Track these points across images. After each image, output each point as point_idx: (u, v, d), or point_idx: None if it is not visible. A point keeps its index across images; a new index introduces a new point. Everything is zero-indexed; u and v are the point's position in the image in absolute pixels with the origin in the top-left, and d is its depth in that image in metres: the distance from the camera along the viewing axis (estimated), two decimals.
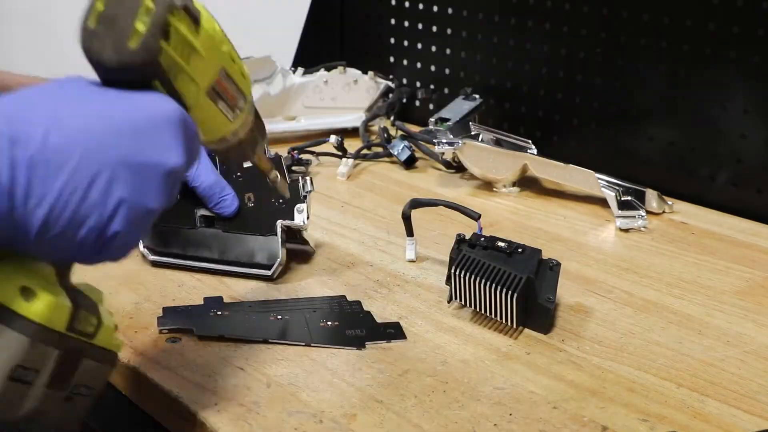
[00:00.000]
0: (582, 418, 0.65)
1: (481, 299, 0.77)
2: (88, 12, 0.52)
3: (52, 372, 0.53)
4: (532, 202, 1.11)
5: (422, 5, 1.40)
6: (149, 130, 0.52)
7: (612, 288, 0.87)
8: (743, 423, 0.65)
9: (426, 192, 1.14)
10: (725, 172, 1.09)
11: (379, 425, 0.63)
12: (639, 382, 0.70)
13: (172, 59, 0.54)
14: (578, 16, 1.19)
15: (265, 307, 0.81)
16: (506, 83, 1.31)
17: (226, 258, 0.88)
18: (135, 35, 0.52)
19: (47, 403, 0.53)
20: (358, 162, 1.24)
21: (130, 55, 0.52)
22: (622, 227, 1.02)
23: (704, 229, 1.02)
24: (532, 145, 1.15)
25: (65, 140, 0.49)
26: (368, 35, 1.50)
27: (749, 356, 0.74)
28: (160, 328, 0.76)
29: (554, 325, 0.79)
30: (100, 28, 0.52)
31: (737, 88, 1.06)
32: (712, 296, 0.85)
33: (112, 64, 0.52)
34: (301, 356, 0.73)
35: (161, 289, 0.84)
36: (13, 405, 0.51)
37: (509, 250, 0.79)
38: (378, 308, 0.81)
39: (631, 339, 0.77)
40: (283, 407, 0.65)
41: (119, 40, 0.52)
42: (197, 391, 0.67)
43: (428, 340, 0.76)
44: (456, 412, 0.65)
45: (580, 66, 1.21)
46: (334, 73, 1.38)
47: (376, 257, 0.92)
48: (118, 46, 0.52)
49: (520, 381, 0.70)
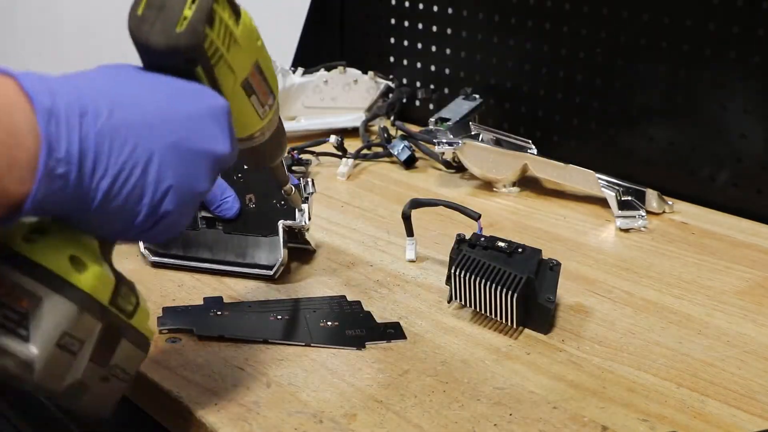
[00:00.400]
0: (582, 418, 0.65)
1: (481, 299, 0.77)
2: (137, 1, 0.55)
3: (95, 345, 0.54)
4: (532, 202, 1.11)
5: (422, 5, 1.40)
6: (201, 119, 0.56)
7: (612, 288, 0.87)
8: (743, 423, 0.65)
9: (426, 192, 1.14)
10: (725, 172, 1.09)
11: (379, 425, 0.63)
12: (639, 382, 0.70)
13: (215, 46, 0.57)
14: (578, 16, 1.19)
15: (265, 307, 0.81)
16: (506, 83, 1.31)
17: (227, 258, 0.88)
18: (182, 20, 0.55)
19: (88, 377, 0.54)
20: (358, 162, 1.24)
21: (176, 39, 0.55)
22: (622, 227, 1.02)
23: (704, 229, 1.02)
24: (532, 145, 1.15)
25: (129, 118, 0.52)
26: (368, 35, 1.50)
27: (749, 356, 0.74)
28: (160, 328, 0.76)
29: (554, 325, 0.79)
30: (149, 13, 0.55)
31: (737, 88, 1.06)
32: (712, 296, 0.85)
33: (160, 46, 0.55)
34: (301, 356, 0.73)
35: (161, 289, 0.84)
36: (59, 375, 0.52)
37: (509, 250, 0.79)
38: (378, 308, 0.81)
39: (631, 339, 0.77)
40: (283, 407, 0.65)
41: (168, 24, 0.55)
42: (197, 391, 0.67)
43: (428, 340, 0.76)
44: (456, 412, 0.65)
45: (580, 66, 1.21)
46: (334, 73, 1.38)
47: (376, 257, 0.92)
48: (167, 30, 0.55)
49: (520, 381, 0.70)
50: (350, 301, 0.82)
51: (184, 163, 0.54)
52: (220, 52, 0.58)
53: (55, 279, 0.52)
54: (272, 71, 0.65)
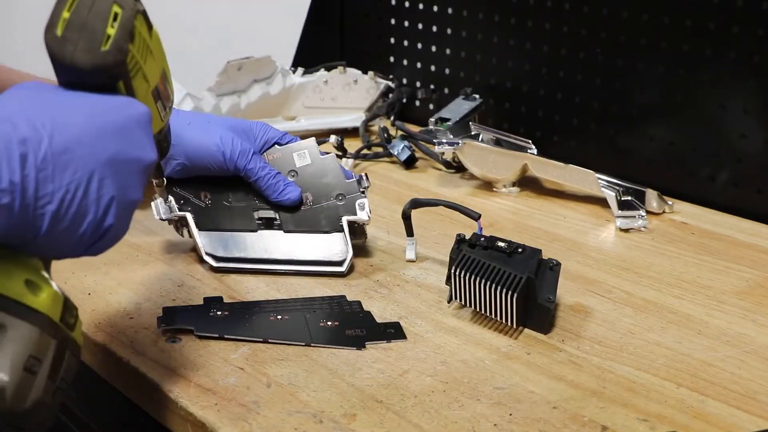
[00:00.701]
0: (582, 418, 0.65)
1: (481, 299, 0.77)
2: (54, 21, 0.56)
3: (51, 362, 0.54)
4: (532, 202, 1.11)
5: (422, 5, 1.40)
6: (129, 130, 0.57)
7: (612, 288, 0.87)
8: (743, 423, 0.65)
9: (426, 192, 1.14)
10: (725, 172, 1.09)
11: (379, 425, 0.63)
12: (639, 382, 0.70)
13: (135, 59, 0.59)
14: (578, 16, 1.19)
15: (265, 307, 0.81)
16: (506, 83, 1.31)
17: (292, 258, 0.88)
18: (106, 39, 0.56)
19: (46, 394, 0.54)
20: (358, 162, 1.24)
21: (103, 58, 0.56)
22: (622, 227, 1.02)
23: (704, 229, 1.02)
24: (532, 145, 1.15)
25: (67, 141, 0.53)
26: (368, 35, 1.50)
27: (749, 356, 0.74)
28: (160, 328, 0.76)
29: (554, 325, 0.79)
30: (71, 34, 0.55)
31: (737, 88, 1.06)
32: (712, 296, 0.85)
33: (87, 66, 0.56)
34: (301, 356, 0.73)
35: (161, 289, 0.84)
36: (24, 396, 0.53)
37: (509, 250, 0.79)
38: (378, 308, 0.81)
39: (631, 339, 0.77)
40: (283, 407, 0.65)
41: (92, 44, 0.56)
42: (197, 391, 0.67)
43: (428, 340, 0.76)
44: (456, 412, 0.65)
45: (580, 66, 1.21)
46: (334, 73, 1.38)
47: (376, 257, 0.92)
48: (92, 49, 0.56)
49: (520, 381, 0.70)
50: (350, 301, 0.82)
51: (120, 176, 0.56)
52: (139, 65, 0.59)
53: (14, 306, 0.52)
54: (170, 76, 0.67)
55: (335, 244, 0.88)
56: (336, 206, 0.89)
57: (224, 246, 0.88)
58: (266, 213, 0.89)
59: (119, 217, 0.56)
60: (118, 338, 0.75)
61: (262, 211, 0.89)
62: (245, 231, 0.89)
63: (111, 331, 0.76)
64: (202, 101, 1.25)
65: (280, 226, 0.89)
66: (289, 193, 0.89)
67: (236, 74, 1.28)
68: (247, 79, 1.30)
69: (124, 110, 0.57)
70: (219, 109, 1.26)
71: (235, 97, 1.29)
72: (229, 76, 1.27)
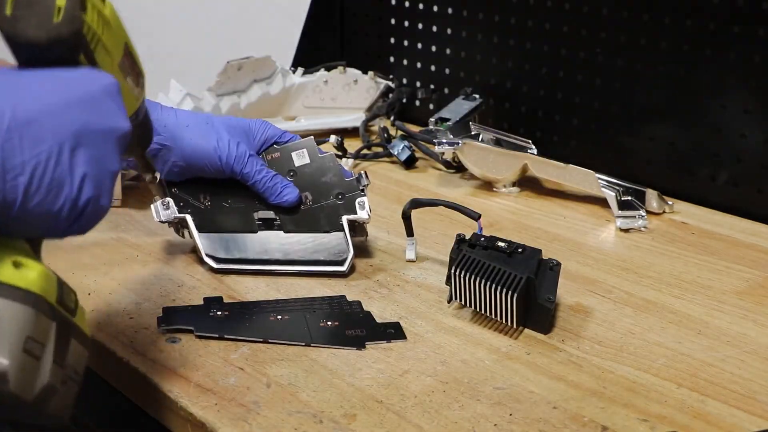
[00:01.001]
0: (582, 418, 0.65)
1: (481, 299, 0.77)
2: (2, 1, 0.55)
3: (54, 346, 0.54)
4: (532, 202, 1.11)
5: (422, 5, 1.40)
6: (98, 99, 0.56)
7: (612, 288, 0.87)
8: (743, 423, 0.65)
9: (426, 192, 1.14)
10: (725, 172, 1.09)
11: (379, 425, 0.63)
12: (639, 382, 0.70)
13: (92, 30, 0.58)
14: (578, 16, 1.19)
15: (265, 307, 0.81)
16: (506, 83, 1.31)
17: (292, 258, 0.88)
18: (57, 11, 0.55)
19: (55, 380, 0.54)
20: (358, 162, 1.24)
21: (57, 29, 0.55)
22: (622, 227, 1.02)
23: (704, 229, 1.02)
24: (532, 145, 1.15)
25: (32, 114, 0.52)
26: (368, 35, 1.50)
27: (749, 356, 0.74)
28: (160, 328, 0.76)
29: (554, 325, 0.79)
30: (20, 12, 0.55)
31: (737, 88, 1.06)
32: (712, 296, 0.85)
33: (42, 40, 0.55)
34: (301, 356, 0.73)
35: (161, 289, 0.84)
36: (30, 381, 0.52)
37: (509, 250, 0.79)
38: (378, 308, 0.81)
39: (631, 339, 0.77)
40: (283, 407, 0.65)
41: (44, 17, 0.55)
42: (197, 391, 0.67)
43: (428, 340, 0.76)
44: (456, 412, 0.65)
45: (580, 66, 1.21)
46: (334, 73, 1.38)
47: (376, 257, 0.92)
48: (44, 23, 0.55)
49: (520, 381, 0.70)
50: (350, 301, 0.82)
51: (93, 146, 0.55)
52: (97, 36, 0.58)
53: (5, 287, 0.52)
54: (136, 52, 0.65)
55: (336, 244, 0.88)
56: (336, 205, 0.89)
57: (224, 247, 0.88)
58: (266, 214, 0.89)
59: (97, 188, 0.55)
60: (118, 338, 0.75)
61: (261, 211, 0.89)
62: (245, 232, 0.89)
63: (111, 331, 0.76)
64: (202, 101, 1.25)
65: (280, 227, 0.89)
66: (288, 195, 0.89)
67: (236, 74, 1.28)
68: (247, 79, 1.30)
69: (90, 80, 0.56)
70: (219, 109, 1.26)
71: (235, 97, 1.29)
72: (229, 76, 1.27)
